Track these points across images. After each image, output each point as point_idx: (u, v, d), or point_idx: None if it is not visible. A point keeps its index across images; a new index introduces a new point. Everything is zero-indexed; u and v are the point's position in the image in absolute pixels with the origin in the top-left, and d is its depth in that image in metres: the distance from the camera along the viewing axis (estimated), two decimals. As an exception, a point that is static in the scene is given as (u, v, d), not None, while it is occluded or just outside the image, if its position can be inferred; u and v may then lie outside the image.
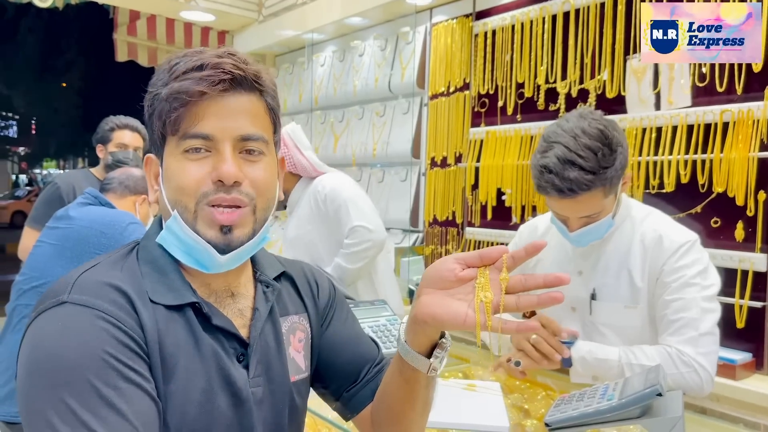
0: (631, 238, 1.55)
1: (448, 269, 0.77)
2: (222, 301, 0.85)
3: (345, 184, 2.40)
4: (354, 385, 0.98)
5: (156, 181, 0.84)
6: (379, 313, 1.87)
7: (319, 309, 0.99)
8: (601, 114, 1.46)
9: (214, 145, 0.78)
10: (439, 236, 3.41)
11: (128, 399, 0.69)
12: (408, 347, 0.82)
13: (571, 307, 1.64)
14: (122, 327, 0.72)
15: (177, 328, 0.78)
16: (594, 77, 2.61)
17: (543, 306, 0.75)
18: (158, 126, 0.79)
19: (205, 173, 0.77)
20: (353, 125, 3.98)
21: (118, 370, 0.70)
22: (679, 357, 1.40)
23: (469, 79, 3.23)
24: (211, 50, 0.79)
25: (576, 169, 1.37)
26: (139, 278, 0.79)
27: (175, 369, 0.76)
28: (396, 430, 0.93)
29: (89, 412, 0.66)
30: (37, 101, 26.14)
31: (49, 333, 0.71)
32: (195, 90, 0.76)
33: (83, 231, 1.96)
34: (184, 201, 0.78)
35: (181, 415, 0.76)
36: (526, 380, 1.64)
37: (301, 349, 0.94)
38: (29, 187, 23.64)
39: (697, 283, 1.45)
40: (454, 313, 0.75)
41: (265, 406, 0.85)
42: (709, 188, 2.20)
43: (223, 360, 0.80)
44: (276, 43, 4.53)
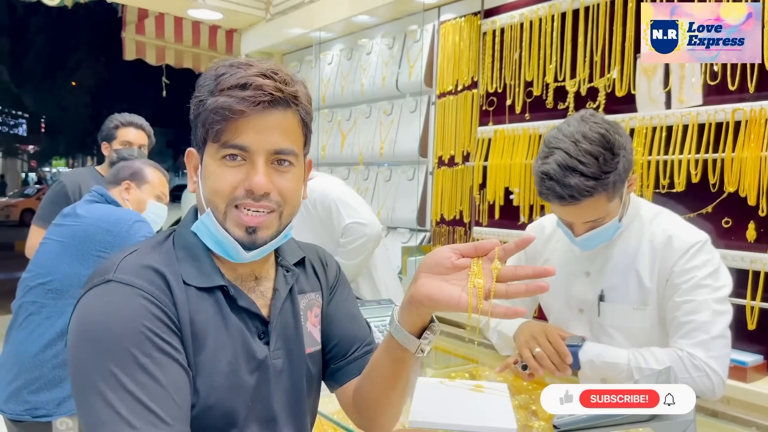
0: (640, 239, 1.53)
1: (445, 257, 0.84)
2: (246, 284, 0.95)
3: (331, 184, 2.41)
4: (342, 360, 1.06)
5: (195, 173, 0.93)
6: (386, 313, 1.86)
7: (328, 285, 1.10)
8: (603, 117, 1.44)
9: (250, 156, 0.87)
10: (447, 236, 3.40)
11: (162, 367, 0.80)
12: (400, 327, 0.89)
13: (579, 309, 1.62)
14: (159, 304, 0.83)
15: (207, 307, 0.89)
16: (603, 75, 2.58)
17: (530, 294, 0.82)
18: (201, 130, 0.88)
19: (238, 180, 0.87)
20: (360, 124, 3.97)
21: (153, 341, 0.80)
22: (690, 360, 1.38)
23: (477, 78, 3.21)
24: (257, 65, 0.87)
25: (577, 176, 1.35)
26: (175, 262, 0.89)
27: (204, 343, 0.87)
28: (375, 410, 1.00)
29: (128, 376, 0.77)
30: (46, 100, 26.28)
31: (96, 307, 0.82)
32: (237, 108, 0.84)
33: (89, 229, 1.95)
34: (216, 201, 0.88)
35: (209, 383, 0.86)
36: (534, 381, 1.62)
37: (317, 323, 1.05)
38: (38, 185, 23.79)
39: (709, 284, 1.43)
40: (448, 295, 0.82)
41: (284, 375, 0.96)
42: (720, 188, 2.17)
43: (247, 336, 0.91)
44: (283, 42, 4.52)
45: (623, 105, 2.49)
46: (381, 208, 3.71)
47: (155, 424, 0.76)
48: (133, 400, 0.76)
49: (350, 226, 2.30)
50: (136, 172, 2.22)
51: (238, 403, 0.89)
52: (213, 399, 0.87)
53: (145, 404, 0.77)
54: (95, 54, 26.20)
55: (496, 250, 0.83)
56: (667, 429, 1.01)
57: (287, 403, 0.96)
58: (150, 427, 0.76)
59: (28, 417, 1.87)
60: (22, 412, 1.87)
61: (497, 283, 0.81)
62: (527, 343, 1.53)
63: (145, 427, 0.76)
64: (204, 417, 0.86)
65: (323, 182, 2.41)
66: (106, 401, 0.76)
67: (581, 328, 1.59)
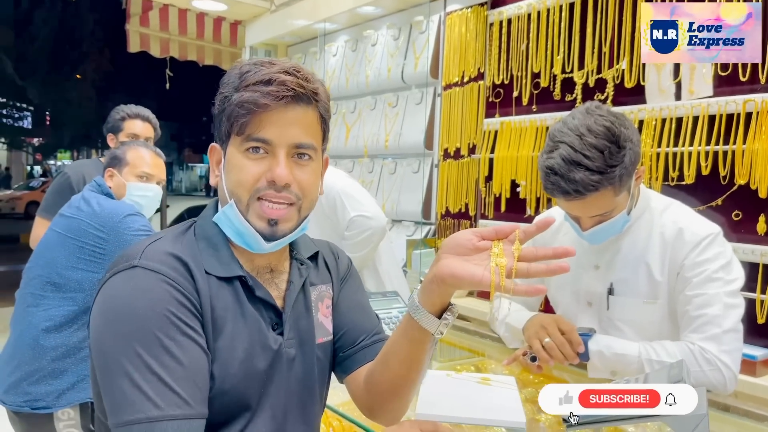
0: (650, 231, 1.51)
1: (467, 238, 0.86)
2: (262, 275, 0.99)
3: (335, 177, 2.37)
4: (350, 348, 1.08)
5: (218, 167, 0.97)
6: (391, 305, 1.85)
7: (339, 276, 1.13)
8: (609, 109, 1.41)
9: (272, 149, 0.91)
10: (452, 229, 3.38)
11: (184, 349, 0.83)
12: (421, 307, 0.90)
13: (588, 302, 1.60)
14: (181, 290, 0.86)
15: (226, 296, 0.92)
16: (612, 66, 2.55)
17: (551, 273, 0.82)
18: (226, 125, 0.92)
19: (261, 172, 0.91)
20: (365, 116, 3.95)
21: (176, 325, 0.84)
22: (702, 354, 1.36)
23: (484, 69, 3.18)
24: (280, 64, 0.92)
25: (582, 170, 1.32)
26: (197, 251, 0.93)
27: (223, 329, 0.90)
28: (387, 395, 1.01)
29: (152, 358, 0.81)
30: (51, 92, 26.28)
31: (123, 290, 0.85)
32: (261, 102, 0.89)
33: (83, 224, 1.94)
34: (239, 193, 0.92)
35: (225, 369, 0.89)
36: (541, 374, 1.61)
37: (329, 314, 1.08)
38: (43, 178, 23.80)
39: (720, 277, 1.41)
40: (471, 272, 0.83)
41: (296, 364, 0.99)
42: (730, 180, 2.14)
43: (262, 326, 0.95)
44: (288, 33, 4.50)
45: (632, 96, 2.46)
46: (386, 201, 3.69)
47: (179, 405, 0.80)
48: (159, 382, 0.80)
49: (355, 219, 2.28)
50: (115, 156, 2.17)
51: (251, 390, 0.93)
52: (228, 384, 0.90)
53: (170, 386, 0.80)
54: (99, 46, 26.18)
55: (517, 233, 0.85)
56: (681, 424, 0.99)
57: (298, 391, 0.99)
58: (174, 408, 0.80)
59: (28, 408, 1.87)
60: (21, 403, 1.87)
61: (519, 263, 0.82)
62: (537, 333, 1.51)
63: (169, 407, 0.80)
64: (218, 401, 0.89)
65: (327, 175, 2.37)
66: (133, 381, 0.80)
67: (590, 321, 1.57)
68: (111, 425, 0.81)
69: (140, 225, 1.96)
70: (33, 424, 1.90)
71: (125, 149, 2.19)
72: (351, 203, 2.30)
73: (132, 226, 1.94)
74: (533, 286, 0.82)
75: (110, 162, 2.16)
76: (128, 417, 0.79)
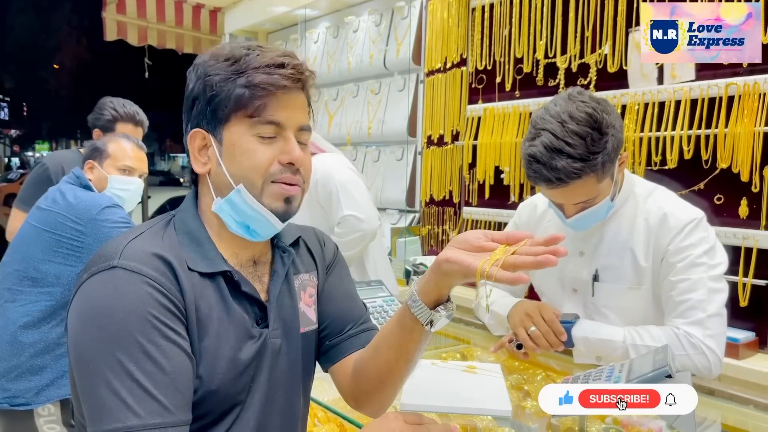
0: (634, 217, 1.50)
1: (475, 236, 0.87)
2: (245, 269, 0.97)
3: (336, 168, 2.29)
4: (336, 337, 1.07)
5: (201, 154, 0.94)
6: (376, 294, 1.83)
7: (325, 264, 1.11)
8: (591, 95, 1.39)
9: (282, 132, 0.91)
10: (436, 216, 3.36)
11: (166, 354, 0.81)
12: (415, 295, 0.90)
13: (573, 289, 1.59)
14: (164, 291, 0.83)
15: (210, 293, 0.90)
16: (595, 51, 2.54)
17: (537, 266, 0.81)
18: (228, 107, 0.89)
19: (273, 155, 0.90)
20: (348, 103, 3.91)
21: (159, 329, 0.81)
22: (687, 339, 1.36)
23: (467, 55, 3.15)
24: (275, 49, 0.92)
25: (564, 158, 1.31)
26: (178, 247, 0.90)
27: (208, 328, 0.88)
28: (374, 384, 1.00)
29: (133, 363, 0.78)
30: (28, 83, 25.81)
31: (102, 293, 0.82)
32: (281, 84, 0.89)
33: (59, 217, 1.89)
34: (252, 177, 0.90)
35: (212, 368, 0.87)
36: (528, 361, 1.60)
37: (312, 303, 1.06)
38: (21, 170, 23.42)
39: (704, 262, 1.41)
40: (463, 259, 0.84)
41: (282, 354, 0.97)
42: (712, 164, 2.15)
43: (247, 321, 0.93)
44: (268, 20, 4.43)
45: (615, 81, 2.45)
46: (370, 189, 3.66)
47: (159, 413, 0.78)
48: (139, 389, 0.78)
49: (347, 218, 2.21)
50: (95, 147, 2.11)
51: (239, 386, 0.91)
52: (216, 384, 0.88)
53: (150, 393, 0.78)
54: (76, 35, 25.71)
55: (526, 241, 0.85)
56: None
57: (284, 382, 0.98)
58: (154, 416, 0.78)
59: (7, 405, 1.83)
60: (0, 400, 1.83)
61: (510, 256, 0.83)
62: (522, 322, 1.50)
63: (149, 416, 0.77)
64: (208, 400, 0.88)
65: (329, 163, 2.29)
66: (113, 389, 0.77)
67: (575, 308, 1.57)
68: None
69: (118, 217, 1.92)
70: (13, 421, 1.87)
71: (107, 141, 2.13)
72: (346, 200, 2.22)
73: (110, 218, 1.90)
74: (516, 274, 0.82)
75: (91, 154, 2.10)
76: (107, 426, 0.77)
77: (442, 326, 0.92)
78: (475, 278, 0.83)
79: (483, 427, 1.23)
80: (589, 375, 1.22)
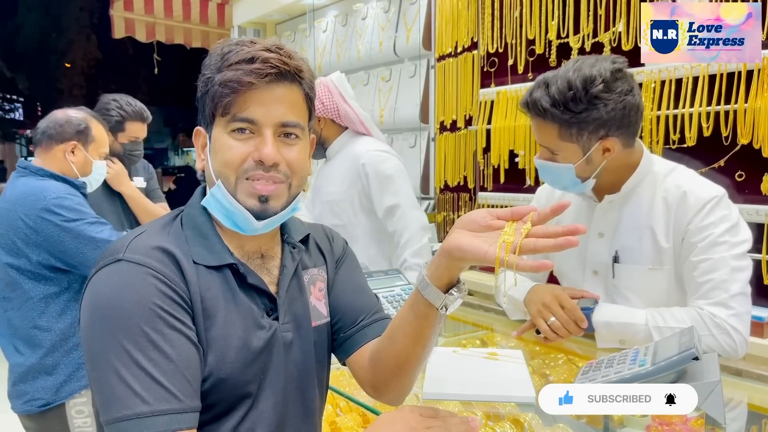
0: (653, 196, 1.48)
1: (480, 216, 0.86)
2: (253, 261, 0.97)
3: (390, 162, 2.29)
4: (350, 329, 1.07)
5: (203, 151, 0.96)
6: (394, 283, 1.83)
7: (334, 258, 1.12)
8: (626, 73, 1.40)
9: (258, 128, 0.90)
10: (451, 202, 3.34)
11: (172, 343, 0.82)
12: (427, 280, 0.89)
13: (593, 271, 1.57)
14: (168, 282, 0.85)
15: (216, 285, 0.91)
16: (609, 29, 2.49)
17: (559, 249, 0.80)
18: (210, 106, 0.91)
19: (247, 152, 0.90)
20: (358, 91, 3.88)
21: (164, 318, 0.83)
22: (711, 319, 1.34)
23: (477, 38, 3.11)
24: (262, 42, 0.91)
25: (542, 90, 1.38)
26: (184, 242, 0.92)
27: (215, 319, 0.89)
28: (392, 372, 1.00)
29: (140, 352, 0.80)
30: (41, 83, 26.00)
31: (108, 285, 0.84)
32: (245, 80, 0.88)
33: (9, 215, 1.81)
34: (226, 173, 0.91)
35: (222, 357, 0.89)
36: (550, 345, 1.59)
37: (322, 297, 1.07)
38: (38, 170, 23.63)
39: (726, 240, 1.38)
40: (477, 247, 0.82)
41: (294, 348, 0.98)
42: (733, 140, 2.11)
43: (256, 313, 0.94)
44: (276, 11, 4.41)
45: (630, 59, 2.39)
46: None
47: (168, 399, 0.80)
48: (146, 377, 0.79)
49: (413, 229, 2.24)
50: (82, 130, 2.02)
51: (250, 376, 0.92)
52: (225, 373, 0.89)
53: (158, 380, 0.80)
54: (86, 34, 25.82)
55: (531, 215, 0.84)
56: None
57: (297, 376, 0.99)
58: (163, 403, 0.79)
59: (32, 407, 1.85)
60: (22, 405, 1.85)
61: (525, 239, 0.80)
62: (541, 313, 1.49)
63: (158, 402, 0.79)
64: (218, 390, 0.89)
65: (380, 156, 2.28)
66: (121, 377, 0.79)
67: (596, 290, 1.55)
68: (102, 422, 0.81)
69: (74, 203, 1.84)
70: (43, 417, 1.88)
71: (89, 124, 2.05)
72: (394, 189, 2.25)
73: (64, 204, 1.81)
74: (539, 261, 0.80)
75: (77, 135, 2.01)
76: (117, 413, 0.78)
77: (455, 308, 0.91)
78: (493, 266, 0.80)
79: (506, 414, 1.22)
80: (613, 359, 1.20)
